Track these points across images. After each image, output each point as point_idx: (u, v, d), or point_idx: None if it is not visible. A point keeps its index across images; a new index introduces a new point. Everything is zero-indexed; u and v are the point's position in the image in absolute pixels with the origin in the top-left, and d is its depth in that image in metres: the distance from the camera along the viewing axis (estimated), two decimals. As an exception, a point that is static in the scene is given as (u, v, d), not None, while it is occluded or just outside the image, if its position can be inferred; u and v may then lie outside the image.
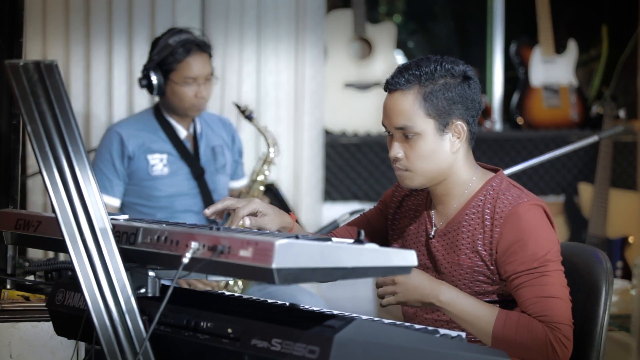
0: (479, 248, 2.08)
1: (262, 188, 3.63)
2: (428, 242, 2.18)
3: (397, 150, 2.09)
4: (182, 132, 3.48)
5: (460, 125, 2.08)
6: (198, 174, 3.46)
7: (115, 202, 3.41)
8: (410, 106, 2.05)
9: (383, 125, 2.13)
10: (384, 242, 2.30)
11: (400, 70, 2.09)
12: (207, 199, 3.46)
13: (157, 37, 3.45)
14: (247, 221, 2.08)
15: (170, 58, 3.34)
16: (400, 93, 2.07)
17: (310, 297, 3.41)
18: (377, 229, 2.32)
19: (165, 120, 3.46)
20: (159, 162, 3.41)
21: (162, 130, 3.45)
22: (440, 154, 2.08)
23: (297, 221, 2.26)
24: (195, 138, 3.51)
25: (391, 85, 2.09)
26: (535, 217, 2.05)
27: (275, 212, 2.15)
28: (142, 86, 3.41)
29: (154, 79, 3.36)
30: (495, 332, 1.98)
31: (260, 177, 3.62)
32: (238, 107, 3.56)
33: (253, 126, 3.61)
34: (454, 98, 2.06)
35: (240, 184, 3.70)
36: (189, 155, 3.46)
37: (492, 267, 2.07)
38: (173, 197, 3.42)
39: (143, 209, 3.41)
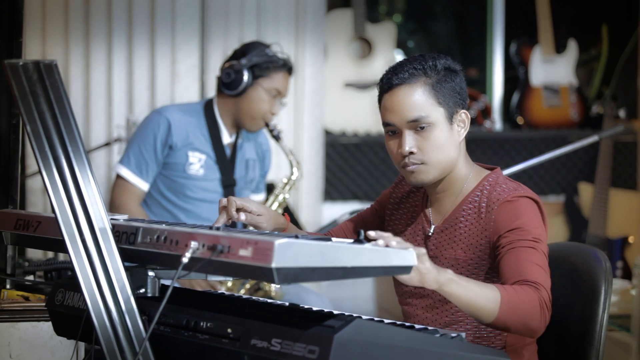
0: (475, 239, 2.09)
1: (280, 210, 3.58)
2: (426, 241, 2.18)
3: (411, 143, 2.07)
4: (226, 138, 3.41)
5: (465, 114, 2.12)
6: (228, 183, 3.39)
7: (145, 187, 3.32)
8: (421, 96, 2.07)
9: (388, 124, 2.10)
10: None
11: (400, 66, 2.10)
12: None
13: (246, 44, 3.42)
14: (242, 216, 2.09)
15: (269, 64, 3.32)
16: (407, 86, 2.07)
17: (316, 297, 3.39)
18: (372, 229, 2.32)
19: (214, 120, 3.39)
20: (197, 162, 3.34)
21: (207, 130, 3.37)
22: (451, 144, 2.10)
23: (296, 223, 2.26)
24: (235, 147, 3.45)
25: (396, 81, 2.08)
26: (528, 205, 2.07)
27: (270, 212, 2.17)
28: (225, 81, 3.32)
29: (246, 76, 3.31)
30: (502, 296, 1.88)
31: (280, 198, 3.58)
32: (267, 124, 3.42)
33: (279, 146, 3.54)
34: (455, 88, 2.10)
35: (258, 197, 3.63)
36: (225, 163, 3.40)
37: (489, 259, 2.08)
38: (201, 202, 3.35)
39: (168, 205, 3.34)
